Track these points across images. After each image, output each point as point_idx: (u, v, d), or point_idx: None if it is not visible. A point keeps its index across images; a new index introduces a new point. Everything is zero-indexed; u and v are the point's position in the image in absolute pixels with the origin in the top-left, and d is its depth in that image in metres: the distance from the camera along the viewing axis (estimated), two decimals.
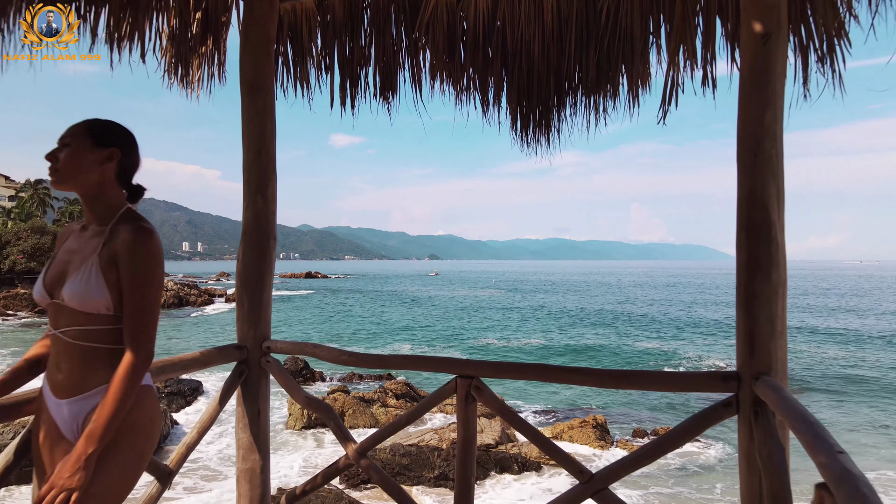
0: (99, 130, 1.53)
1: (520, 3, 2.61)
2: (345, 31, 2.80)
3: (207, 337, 31.92)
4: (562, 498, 2.02)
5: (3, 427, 10.71)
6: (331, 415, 2.35)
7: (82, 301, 1.44)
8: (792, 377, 21.05)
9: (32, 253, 52.23)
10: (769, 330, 1.76)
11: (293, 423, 13.52)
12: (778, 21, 1.81)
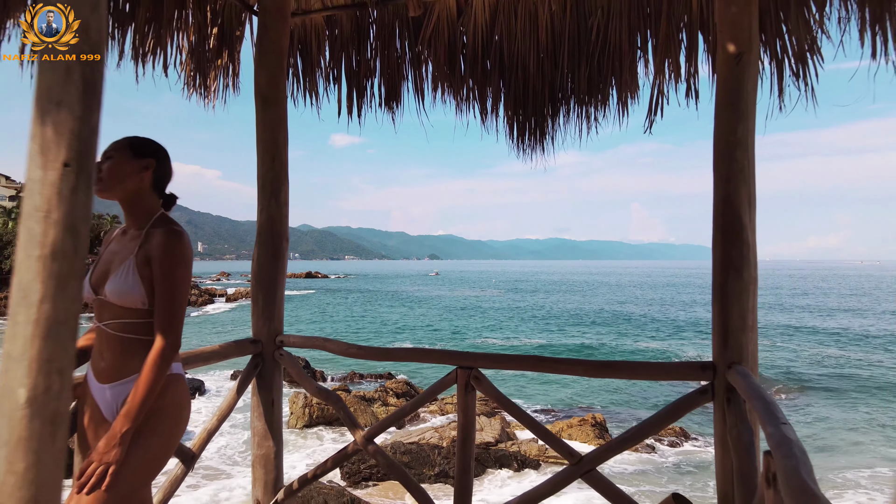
0: (137, 144, 1.72)
1: (516, 19, 2.79)
2: (352, 44, 2.98)
3: (209, 335, 32.07)
4: (553, 479, 2.20)
5: None
6: (340, 404, 2.53)
7: (121, 297, 1.62)
8: (793, 377, 21.24)
9: None
10: (741, 324, 1.94)
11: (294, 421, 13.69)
12: (749, 41, 1.99)
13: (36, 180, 0.64)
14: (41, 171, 0.63)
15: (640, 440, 2.10)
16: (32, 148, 0.64)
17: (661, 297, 64.05)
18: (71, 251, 0.64)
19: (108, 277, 1.66)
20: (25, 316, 0.64)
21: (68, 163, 0.62)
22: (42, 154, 0.63)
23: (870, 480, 12.30)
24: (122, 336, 1.64)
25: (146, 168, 1.71)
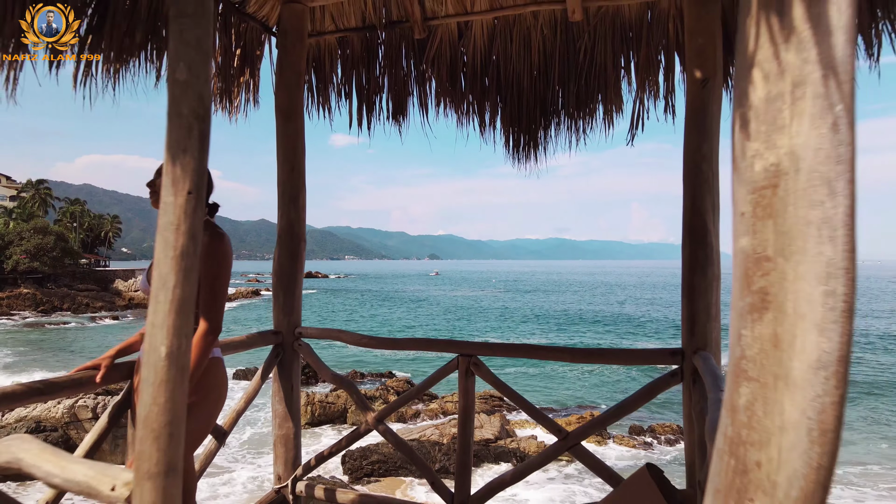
0: None
1: (511, 41, 3.08)
2: (362, 63, 3.27)
3: None
4: (544, 452, 2.49)
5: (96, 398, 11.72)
6: (353, 388, 2.82)
7: None
8: None
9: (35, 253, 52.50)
10: (706, 315, 2.23)
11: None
12: (714, 68, 2.28)
13: (169, 203, 0.93)
14: (172, 197, 0.92)
15: (619, 417, 2.39)
16: (166, 181, 0.93)
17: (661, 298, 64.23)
18: (192, 252, 0.92)
19: None
20: (164, 296, 0.93)
21: (191, 191, 0.91)
22: (173, 185, 0.92)
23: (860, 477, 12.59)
24: None
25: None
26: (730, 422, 0.68)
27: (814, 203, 0.63)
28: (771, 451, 0.65)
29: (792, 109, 0.64)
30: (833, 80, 0.63)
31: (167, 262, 0.92)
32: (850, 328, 0.64)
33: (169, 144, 0.93)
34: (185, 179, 0.91)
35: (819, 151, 0.63)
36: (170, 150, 0.93)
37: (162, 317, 0.92)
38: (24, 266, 51.81)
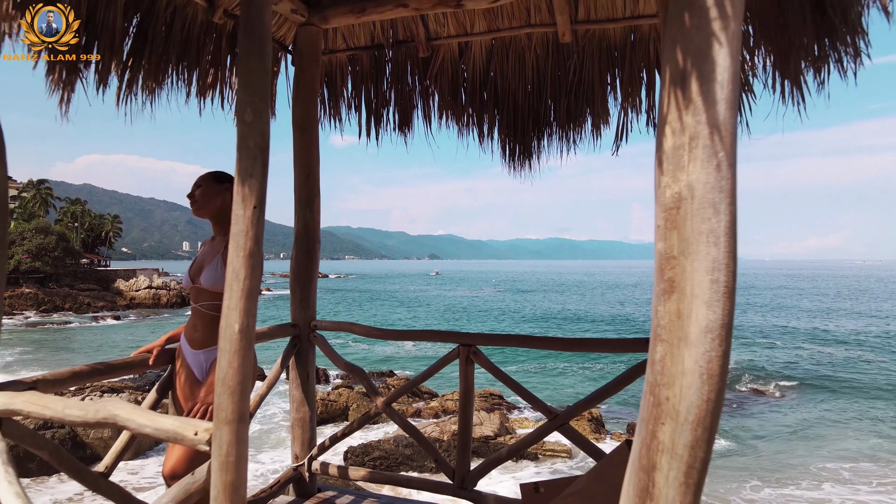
0: (217, 175, 2.31)
1: (507, 60, 3.38)
2: (370, 78, 3.57)
3: None
4: (535, 431, 2.79)
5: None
6: (364, 375, 3.12)
7: (212, 284, 2.21)
8: (794, 376, 21.82)
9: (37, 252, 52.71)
10: None
11: None
12: None
13: (239, 215, 1.21)
14: (242, 210, 1.21)
15: (603, 398, 2.68)
16: (237, 198, 1.22)
17: None
18: (257, 252, 1.20)
19: (202, 271, 2.25)
20: (237, 286, 1.22)
21: (255, 206, 1.20)
22: (243, 201, 1.21)
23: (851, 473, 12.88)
24: (212, 314, 2.23)
25: (226, 190, 2.31)
26: (650, 371, 0.98)
27: (704, 219, 0.93)
28: (675, 390, 0.94)
29: (689, 155, 0.94)
30: (717, 135, 0.93)
31: (239, 260, 1.21)
32: (729, 305, 0.94)
33: (239, 170, 1.22)
34: (251, 197, 1.21)
35: (707, 184, 0.93)
36: (240, 174, 1.22)
37: (236, 301, 1.21)
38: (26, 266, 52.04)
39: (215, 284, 2.19)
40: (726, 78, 0.93)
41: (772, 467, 13.01)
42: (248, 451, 1.24)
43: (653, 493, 0.95)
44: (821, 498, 11.37)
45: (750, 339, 32.34)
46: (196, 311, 2.25)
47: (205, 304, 2.22)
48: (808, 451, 14.03)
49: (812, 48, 2.25)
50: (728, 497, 11.04)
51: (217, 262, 2.22)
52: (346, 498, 3.11)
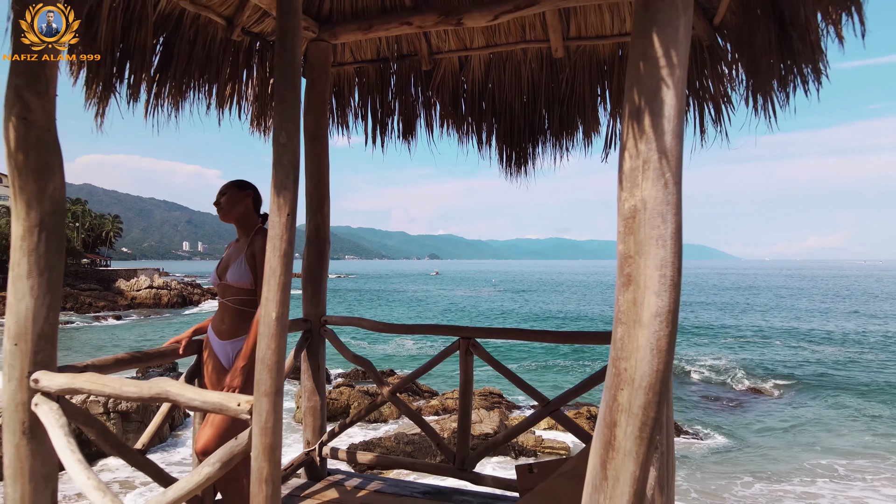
0: (240, 183, 2.56)
1: (504, 73, 3.62)
2: (376, 89, 3.81)
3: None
4: (529, 418, 3.03)
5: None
6: (370, 366, 3.36)
7: (236, 281, 2.45)
8: (792, 375, 22.07)
9: None
10: None
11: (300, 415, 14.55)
12: None
13: (276, 221, 1.45)
14: (278, 217, 1.45)
15: (593, 386, 2.92)
16: (273, 207, 1.46)
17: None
18: (290, 252, 1.44)
19: (228, 269, 2.49)
20: (274, 281, 1.46)
21: (289, 214, 1.44)
22: (279, 210, 1.45)
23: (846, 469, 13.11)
24: (237, 308, 2.47)
25: (248, 196, 2.55)
26: (612, 348, 1.23)
27: (654, 226, 1.18)
28: (631, 362, 1.19)
29: (643, 175, 1.19)
30: (664, 159, 1.17)
31: (276, 259, 1.45)
32: (675, 294, 1.18)
33: (274, 183, 1.47)
34: (285, 206, 1.45)
35: (657, 199, 1.18)
36: (275, 187, 1.46)
37: (273, 294, 1.45)
38: None
39: (240, 281, 2.44)
40: (672, 114, 1.17)
41: (767, 464, 13.26)
42: (282, 419, 1.48)
43: (614, 444, 1.20)
44: (813, 493, 11.62)
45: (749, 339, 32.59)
46: (223, 305, 2.49)
47: (231, 299, 2.46)
48: (803, 449, 14.27)
49: (778, 67, 2.49)
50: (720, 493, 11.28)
51: (241, 261, 2.46)
52: (355, 480, 3.35)
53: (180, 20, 2.97)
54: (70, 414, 1.89)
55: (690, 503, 10.54)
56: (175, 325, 37.69)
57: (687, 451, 13.61)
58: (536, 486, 2.80)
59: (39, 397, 1.79)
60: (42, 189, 1.81)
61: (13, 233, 1.80)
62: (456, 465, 3.12)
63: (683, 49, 1.22)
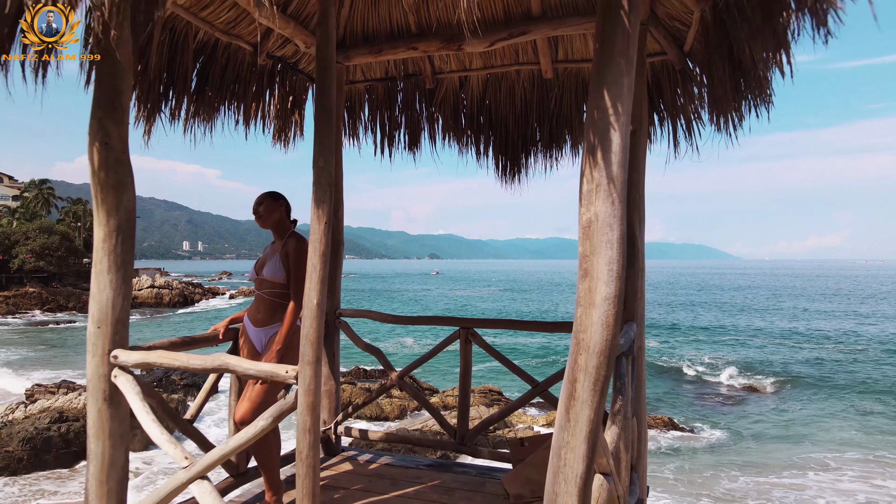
0: (274, 194, 2.97)
1: (500, 91, 4.04)
2: (384, 105, 4.23)
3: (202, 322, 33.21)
4: (519, 399, 3.44)
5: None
6: (380, 354, 3.78)
7: (272, 276, 2.86)
8: (789, 373, 22.41)
9: (41, 252, 53.13)
10: (633, 296, 3.16)
11: None
12: (641, 122, 3.21)
13: (316, 228, 1.87)
14: (318, 224, 1.87)
15: None
16: (314, 216, 1.87)
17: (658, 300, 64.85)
18: (327, 252, 1.85)
19: (264, 266, 2.90)
20: (315, 275, 1.87)
21: (327, 222, 1.85)
22: (318, 219, 1.87)
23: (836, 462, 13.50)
24: (272, 300, 2.88)
25: (281, 206, 2.96)
26: (574, 325, 1.64)
27: (603, 233, 1.59)
28: (588, 334, 1.60)
29: (596, 195, 1.60)
30: (612, 184, 1.58)
31: (316, 257, 1.86)
32: (619, 284, 1.59)
33: (315, 199, 1.88)
34: (323, 216, 1.86)
35: (606, 213, 1.59)
36: (315, 201, 1.88)
37: (314, 284, 1.86)
38: (30, 265, 52.49)
39: (274, 276, 2.85)
40: (618, 150, 1.59)
41: (757, 457, 13.62)
42: (321, 383, 1.89)
43: (574, 395, 1.61)
44: (801, 484, 12.01)
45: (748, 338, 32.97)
46: (259, 297, 2.90)
47: (266, 292, 2.87)
48: (794, 443, 14.63)
49: (732, 93, 2.91)
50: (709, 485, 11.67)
51: (276, 260, 2.87)
52: (366, 456, 3.77)
53: (214, 48, 3.38)
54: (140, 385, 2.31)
55: (679, 496, 10.91)
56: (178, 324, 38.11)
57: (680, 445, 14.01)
58: (527, 457, 3.22)
59: (118, 370, 2.21)
60: (119, 201, 2.23)
61: (95, 236, 2.22)
62: (457, 440, 3.54)
63: (627, 101, 1.63)
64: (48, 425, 13.33)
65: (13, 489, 11.30)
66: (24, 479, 11.43)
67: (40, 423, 13.33)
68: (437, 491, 3.21)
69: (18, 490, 11.22)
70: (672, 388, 20.02)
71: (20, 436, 12.52)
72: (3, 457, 12.53)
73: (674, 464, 12.41)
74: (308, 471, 1.85)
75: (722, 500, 10.80)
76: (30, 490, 11.11)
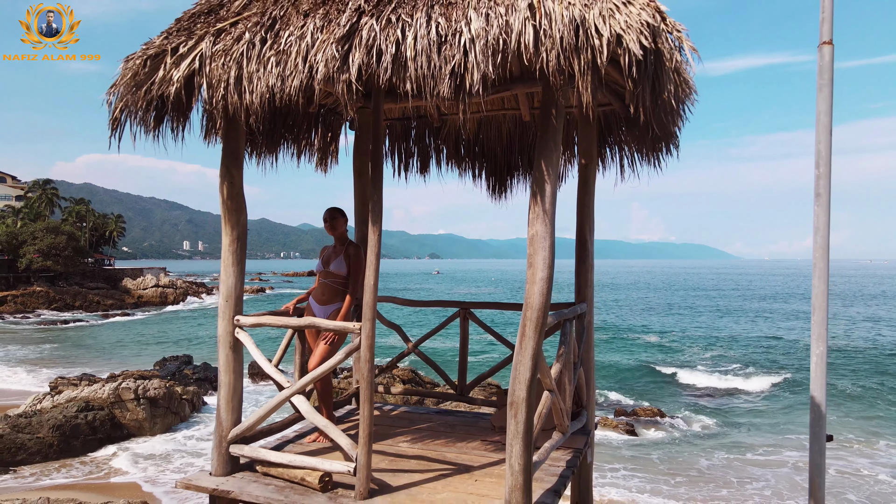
0: (341, 211, 4.20)
1: (491, 129, 5.27)
2: (401, 138, 5.46)
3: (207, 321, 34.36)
4: (502, 361, 4.65)
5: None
6: (400, 329, 5.00)
7: (337, 270, 4.09)
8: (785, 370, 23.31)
9: (48, 252, 54.14)
10: (585, 283, 4.38)
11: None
12: (592, 157, 4.43)
13: (372, 238, 3.08)
14: (372, 234, 3.08)
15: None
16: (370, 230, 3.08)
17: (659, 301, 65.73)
18: (378, 253, 3.04)
19: (330, 263, 4.12)
20: (371, 266, 3.07)
21: (378, 234, 3.06)
22: (371, 229, 3.08)
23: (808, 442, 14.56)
24: (334, 286, 4.10)
25: (346, 220, 4.19)
26: (525, 296, 2.88)
27: (540, 242, 2.84)
28: (532, 299, 2.84)
29: (536, 220, 2.85)
30: (545, 214, 2.83)
31: (372, 255, 3.08)
32: (549, 271, 2.83)
33: (372, 220, 3.10)
34: (376, 226, 3.09)
35: (542, 230, 2.84)
36: (373, 222, 3.10)
37: (371, 272, 3.08)
38: (38, 265, 53.54)
39: (338, 270, 4.08)
40: (549, 193, 2.82)
41: (742, 439, 14.64)
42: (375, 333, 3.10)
43: (525, 334, 2.84)
44: (777, 461, 13.14)
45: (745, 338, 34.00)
46: (324, 284, 4.13)
47: (331, 280, 4.10)
48: (772, 427, 15.66)
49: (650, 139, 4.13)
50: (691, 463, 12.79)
51: (340, 259, 4.09)
52: (388, 407, 5.00)
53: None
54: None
55: (657, 474, 11.98)
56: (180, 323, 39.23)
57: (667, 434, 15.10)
58: None
59: (238, 330, 3.43)
60: (238, 219, 3.46)
61: (223, 242, 3.44)
62: (457, 392, 4.77)
63: (555, 166, 2.85)
64: (76, 413, 14.50)
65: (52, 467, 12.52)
66: (55, 464, 12.62)
67: (68, 412, 14.48)
68: (442, 426, 4.45)
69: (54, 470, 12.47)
70: (667, 385, 20.99)
71: (50, 423, 13.71)
72: (36, 442, 13.73)
73: (660, 452, 13.48)
74: (367, 384, 3.06)
75: (700, 478, 11.93)
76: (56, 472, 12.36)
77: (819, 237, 3.67)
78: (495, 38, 2.55)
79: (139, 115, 3.20)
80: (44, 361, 25.59)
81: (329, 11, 2.93)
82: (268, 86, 2.85)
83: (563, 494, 3.48)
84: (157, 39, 3.17)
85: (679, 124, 3.75)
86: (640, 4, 2.51)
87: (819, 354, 3.73)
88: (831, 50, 3.64)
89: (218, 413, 3.44)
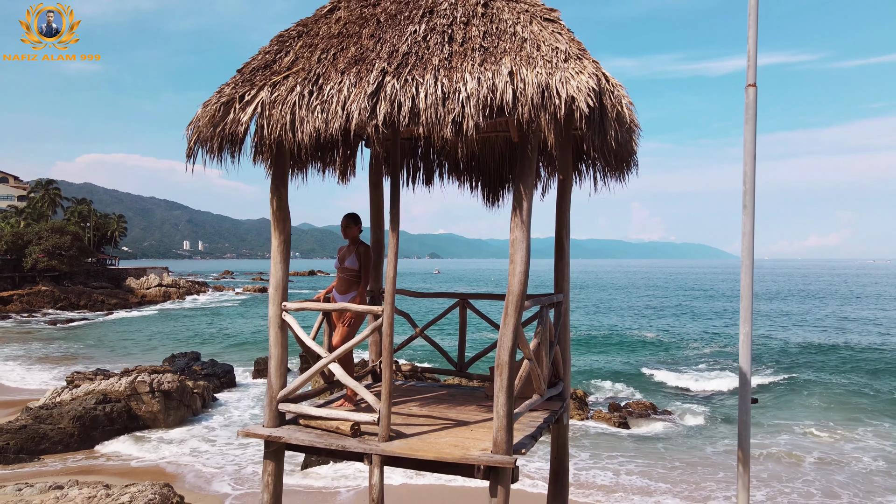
0: (357, 217, 5.18)
1: (486, 147, 6.23)
2: (410, 156, 6.42)
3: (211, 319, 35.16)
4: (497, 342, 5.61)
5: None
6: (407, 316, 5.94)
7: (351, 266, 5.08)
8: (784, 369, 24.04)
9: (53, 251, 54.84)
10: (562, 277, 5.32)
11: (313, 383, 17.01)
12: (568, 173, 5.37)
13: (392, 243, 4.02)
14: (391, 238, 4.02)
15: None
16: (388, 234, 4.02)
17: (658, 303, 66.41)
18: (396, 252, 3.97)
19: (345, 260, 5.09)
20: (391, 262, 4.00)
21: (396, 239, 4.00)
22: (391, 234, 4.03)
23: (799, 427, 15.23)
24: (349, 279, 5.08)
25: (360, 224, 5.16)
26: (507, 286, 3.85)
27: (518, 245, 3.81)
28: (512, 287, 3.81)
29: (516, 228, 3.82)
30: (523, 224, 3.80)
31: (391, 254, 4.03)
32: (525, 267, 3.80)
33: (391, 228, 4.05)
34: (394, 231, 4.03)
35: (521, 236, 3.81)
36: (391, 231, 4.05)
37: (391, 266, 4.02)
38: (43, 264, 54.26)
39: (353, 266, 5.04)
40: (526, 209, 3.77)
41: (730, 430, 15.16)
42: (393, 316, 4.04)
43: (507, 313, 3.79)
44: (768, 443, 13.94)
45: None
46: (342, 278, 5.09)
47: (346, 274, 5.06)
48: (776, 422, 16.13)
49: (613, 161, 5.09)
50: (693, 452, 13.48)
51: (353, 257, 5.05)
52: (399, 381, 5.95)
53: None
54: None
55: (647, 462, 12.73)
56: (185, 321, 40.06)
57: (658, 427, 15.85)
58: None
59: (286, 314, 4.39)
60: (284, 226, 4.42)
61: (273, 244, 4.39)
62: (457, 368, 5.73)
63: (530, 187, 3.80)
64: (94, 405, 15.39)
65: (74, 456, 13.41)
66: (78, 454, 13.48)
67: (87, 403, 15.36)
68: (445, 396, 5.41)
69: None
70: (665, 384, 21.76)
71: (70, 414, 14.61)
72: (57, 432, 14.62)
73: (662, 443, 14.18)
74: (388, 353, 4.01)
75: (688, 468, 12.60)
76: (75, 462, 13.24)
77: (746, 240, 4.62)
78: (485, 97, 3.50)
79: (208, 146, 4.15)
80: (56, 358, 26.38)
81: (360, 70, 3.88)
82: (315, 127, 3.80)
83: (546, 464, 4.43)
84: (226, 88, 4.12)
85: (633, 150, 4.72)
86: (588, 73, 3.47)
87: (745, 333, 4.68)
88: (755, 91, 4.58)
89: (269, 378, 4.39)
